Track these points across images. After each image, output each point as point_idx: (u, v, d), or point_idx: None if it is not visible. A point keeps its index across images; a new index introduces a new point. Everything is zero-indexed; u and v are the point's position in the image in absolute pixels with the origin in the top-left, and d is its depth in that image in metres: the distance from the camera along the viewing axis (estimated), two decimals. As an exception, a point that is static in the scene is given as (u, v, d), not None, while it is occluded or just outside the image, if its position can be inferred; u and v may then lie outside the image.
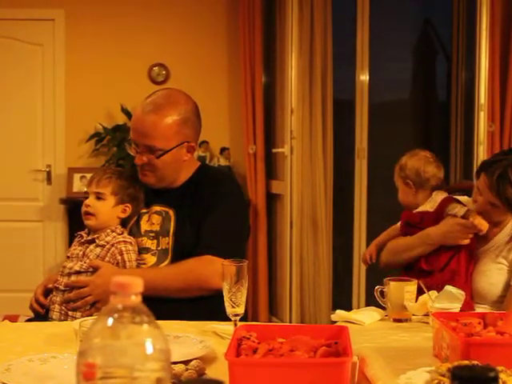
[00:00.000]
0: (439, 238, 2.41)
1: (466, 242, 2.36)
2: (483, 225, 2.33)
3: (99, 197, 2.29)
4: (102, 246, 2.25)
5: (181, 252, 2.25)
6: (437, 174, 2.58)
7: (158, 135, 2.24)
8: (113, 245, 2.24)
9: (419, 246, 2.45)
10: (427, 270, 2.40)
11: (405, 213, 2.62)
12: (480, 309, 2.26)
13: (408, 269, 2.49)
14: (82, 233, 2.34)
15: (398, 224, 2.66)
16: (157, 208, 2.34)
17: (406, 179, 2.60)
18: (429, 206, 2.55)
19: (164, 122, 2.24)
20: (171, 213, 2.32)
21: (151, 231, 2.32)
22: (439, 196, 2.55)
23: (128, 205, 2.31)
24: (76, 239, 2.35)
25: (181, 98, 2.32)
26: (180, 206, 2.31)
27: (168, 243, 2.29)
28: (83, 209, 2.30)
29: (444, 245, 2.41)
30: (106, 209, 2.29)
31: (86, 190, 2.37)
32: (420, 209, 2.56)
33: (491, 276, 2.33)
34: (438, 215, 2.47)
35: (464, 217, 2.38)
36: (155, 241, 2.30)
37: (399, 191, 2.65)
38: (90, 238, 2.29)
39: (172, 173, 2.33)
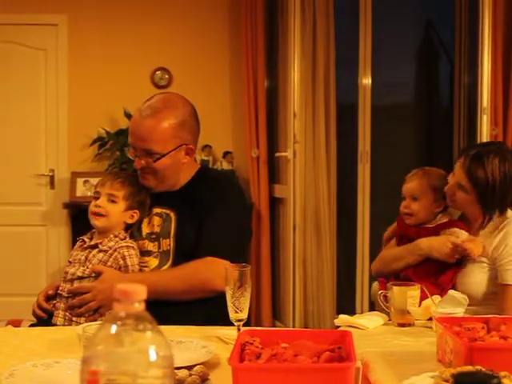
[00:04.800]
0: (429, 250, 2.39)
1: (452, 260, 2.34)
2: (473, 251, 2.28)
3: (112, 199, 2.29)
4: (105, 251, 2.24)
5: (182, 253, 2.26)
6: None
7: (155, 139, 2.25)
8: (115, 250, 2.24)
9: (408, 257, 2.44)
10: (413, 281, 2.37)
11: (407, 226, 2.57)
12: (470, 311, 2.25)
13: (396, 277, 2.47)
14: (85, 238, 2.33)
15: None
16: (157, 210, 2.35)
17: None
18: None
19: (161, 126, 2.25)
20: (172, 215, 2.32)
21: (152, 233, 2.33)
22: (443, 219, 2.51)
23: (136, 211, 2.32)
24: (78, 243, 2.35)
25: (178, 101, 2.33)
26: (181, 207, 2.32)
27: (169, 245, 2.29)
28: (92, 209, 2.29)
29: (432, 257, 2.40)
30: (117, 212, 2.29)
31: (96, 190, 2.32)
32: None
33: (474, 276, 2.32)
34: (436, 233, 2.45)
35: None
36: (156, 243, 2.31)
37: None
38: (92, 243, 2.28)
39: (172, 175, 2.33)
